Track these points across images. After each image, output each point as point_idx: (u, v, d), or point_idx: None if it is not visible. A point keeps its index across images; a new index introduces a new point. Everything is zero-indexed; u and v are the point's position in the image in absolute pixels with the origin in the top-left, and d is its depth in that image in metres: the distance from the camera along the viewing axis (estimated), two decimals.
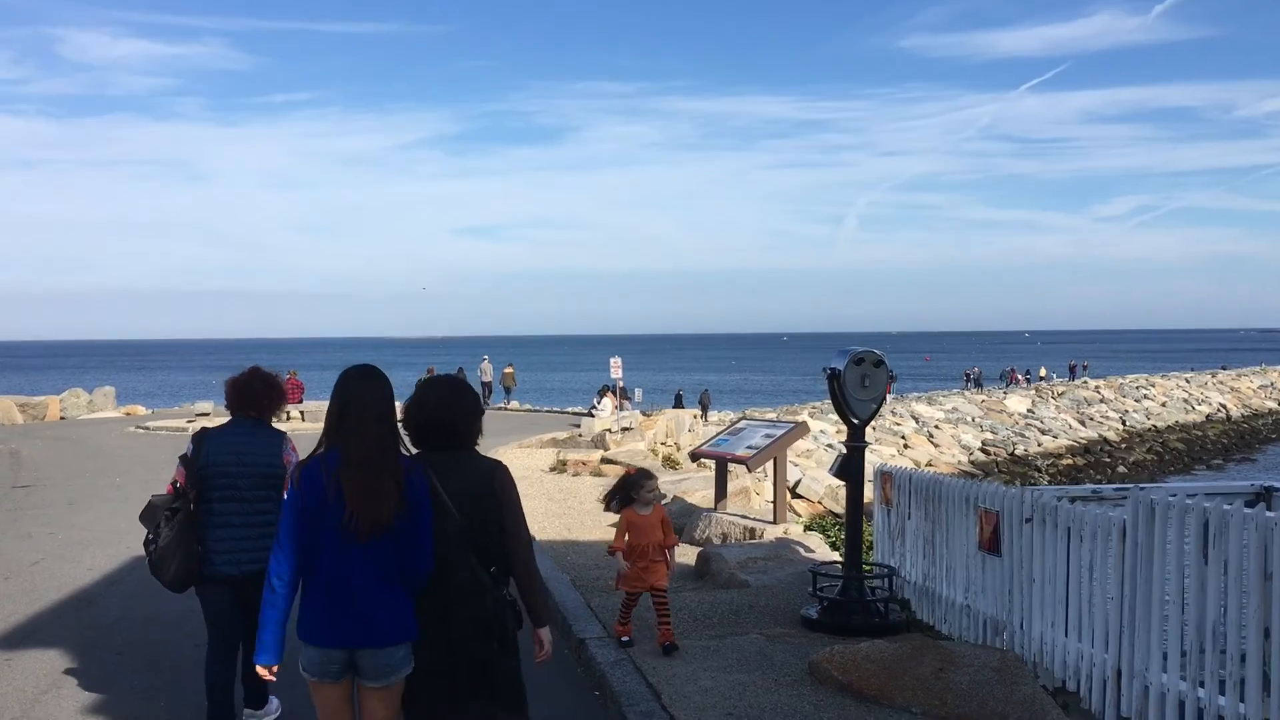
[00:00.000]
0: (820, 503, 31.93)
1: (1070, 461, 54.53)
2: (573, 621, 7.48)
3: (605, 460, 18.92)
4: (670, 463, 24.23)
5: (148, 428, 28.43)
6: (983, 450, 54.84)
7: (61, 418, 34.74)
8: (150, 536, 5.32)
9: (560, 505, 13.52)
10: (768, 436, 10.25)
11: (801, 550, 9.09)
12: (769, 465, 10.41)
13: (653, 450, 25.00)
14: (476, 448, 4.00)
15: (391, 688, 3.71)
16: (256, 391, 5.46)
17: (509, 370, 46.53)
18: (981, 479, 48.55)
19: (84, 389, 41.49)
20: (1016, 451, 55.57)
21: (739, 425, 11.12)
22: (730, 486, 11.08)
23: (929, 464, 50.68)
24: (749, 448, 10.26)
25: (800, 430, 10.36)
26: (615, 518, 13.02)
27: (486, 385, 43.94)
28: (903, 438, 54.06)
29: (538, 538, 11.06)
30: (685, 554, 10.24)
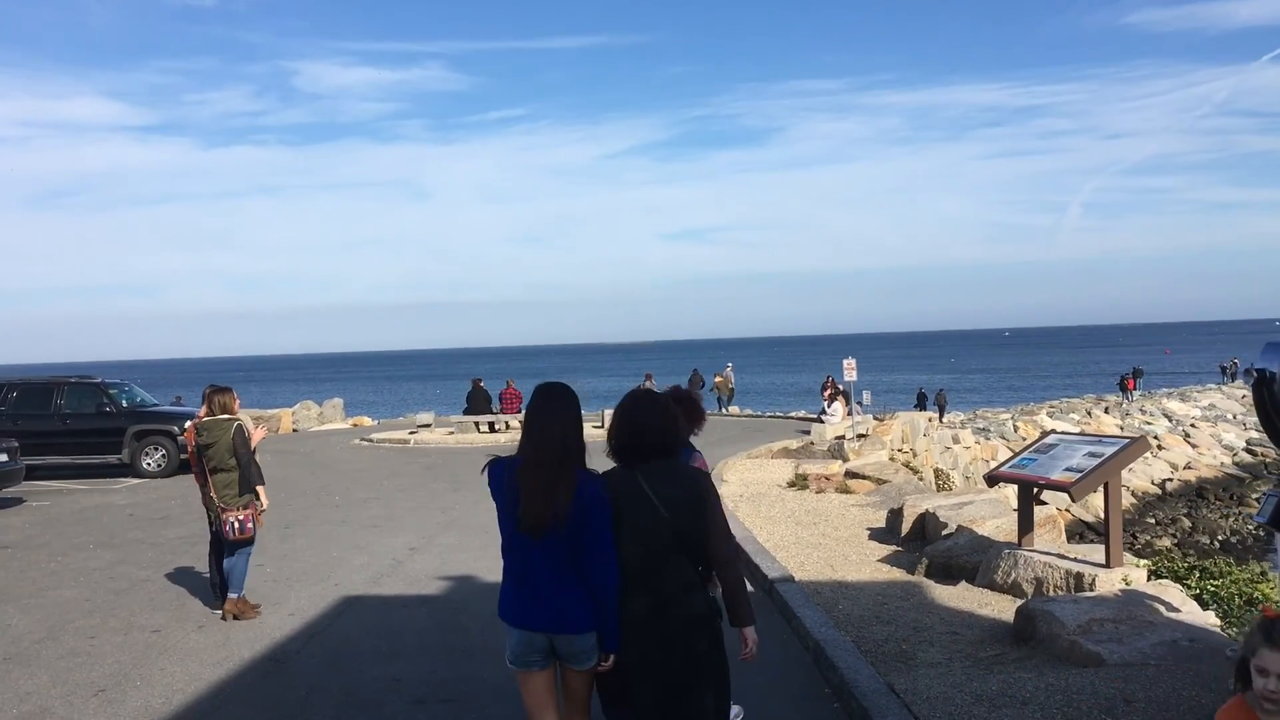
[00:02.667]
0: (1068, 510, 28.74)
1: None
2: (875, 718, 5.60)
3: (850, 474, 16.91)
4: (913, 470, 22.02)
5: (371, 440, 28.29)
6: (1248, 450, 49.76)
7: (294, 430, 35.42)
8: None
9: (812, 532, 11.64)
10: (1093, 456, 8.05)
11: (1162, 609, 6.89)
12: (1090, 492, 8.20)
13: (893, 459, 22.78)
14: (683, 456, 4.38)
15: (583, 673, 4.09)
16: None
17: (719, 378, 44.95)
18: (1249, 481, 43.72)
19: (315, 401, 42.57)
20: None
21: (1049, 440, 8.92)
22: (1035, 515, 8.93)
23: (1187, 466, 46.02)
24: (1069, 470, 8.09)
25: (1139, 447, 8.11)
26: (888, 551, 10.88)
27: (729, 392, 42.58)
28: (1155, 438, 49.54)
29: (795, 576, 9.24)
30: (991, 604, 8.18)
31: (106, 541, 12.72)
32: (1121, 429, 50.78)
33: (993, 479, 8.97)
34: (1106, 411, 55.06)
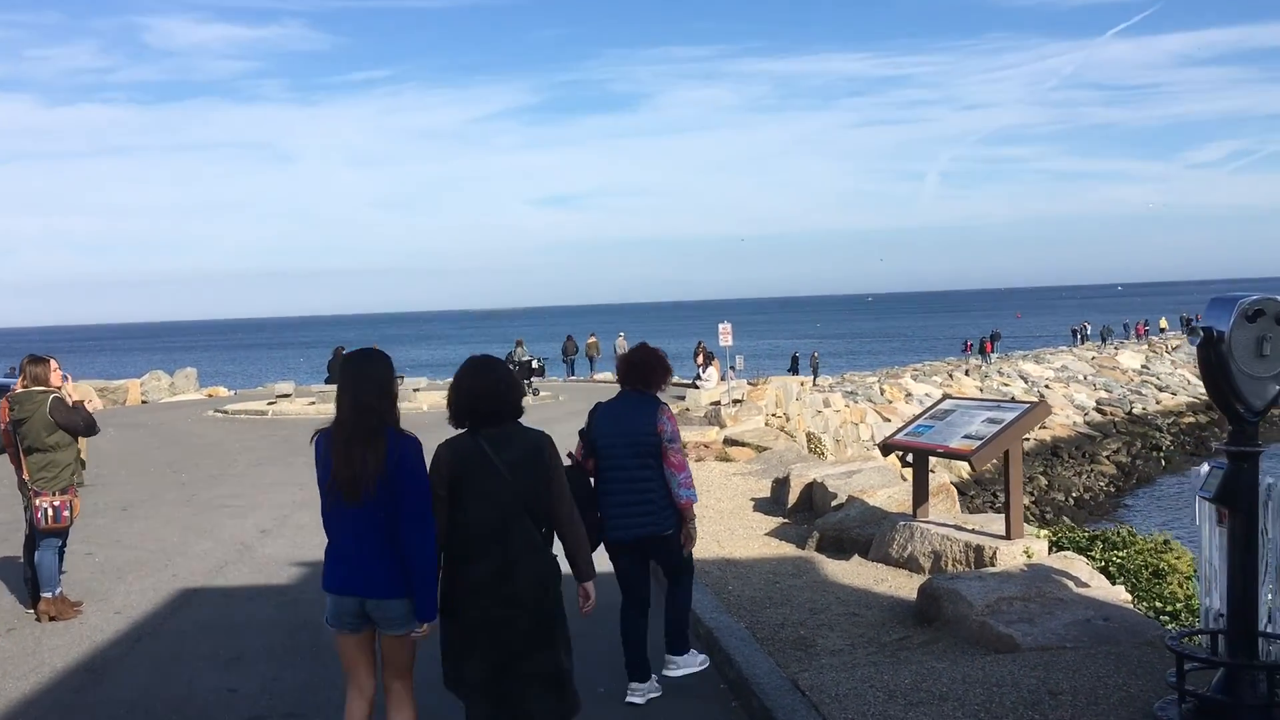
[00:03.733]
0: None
1: (1192, 419, 51.10)
2: (779, 718, 5.01)
3: (729, 441, 16.46)
4: (789, 435, 21.80)
5: (226, 411, 26.73)
6: (1098, 410, 51.78)
7: (143, 401, 33.44)
8: None
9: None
10: (992, 422, 7.63)
11: (1070, 584, 6.50)
12: (985, 459, 7.80)
13: (768, 424, 22.50)
14: (522, 420, 4.29)
15: (399, 637, 4.13)
16: (642, 365, 5.80)
17: (592, 340, 44.39)
18: (1100, 440, 45.40)
19: (166, 371, 40.37)
20: (1134, 410, 52.38)
21: (943, 406, 8.49)
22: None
23: (1041, 426, 47.58)
24: (967, 437, 7.66)
25: (1040, 412, 7.74)
26: (775, 524, 10.69)
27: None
28: (1012, 399, 51.08)
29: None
30: (887, 580, 7.73)
31: None
32: (980, 390, 52.17)
33: (887, 448, 8.52)
34: (967, 374, 56.48)
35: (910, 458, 8.52)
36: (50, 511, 7.43)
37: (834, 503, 9.56)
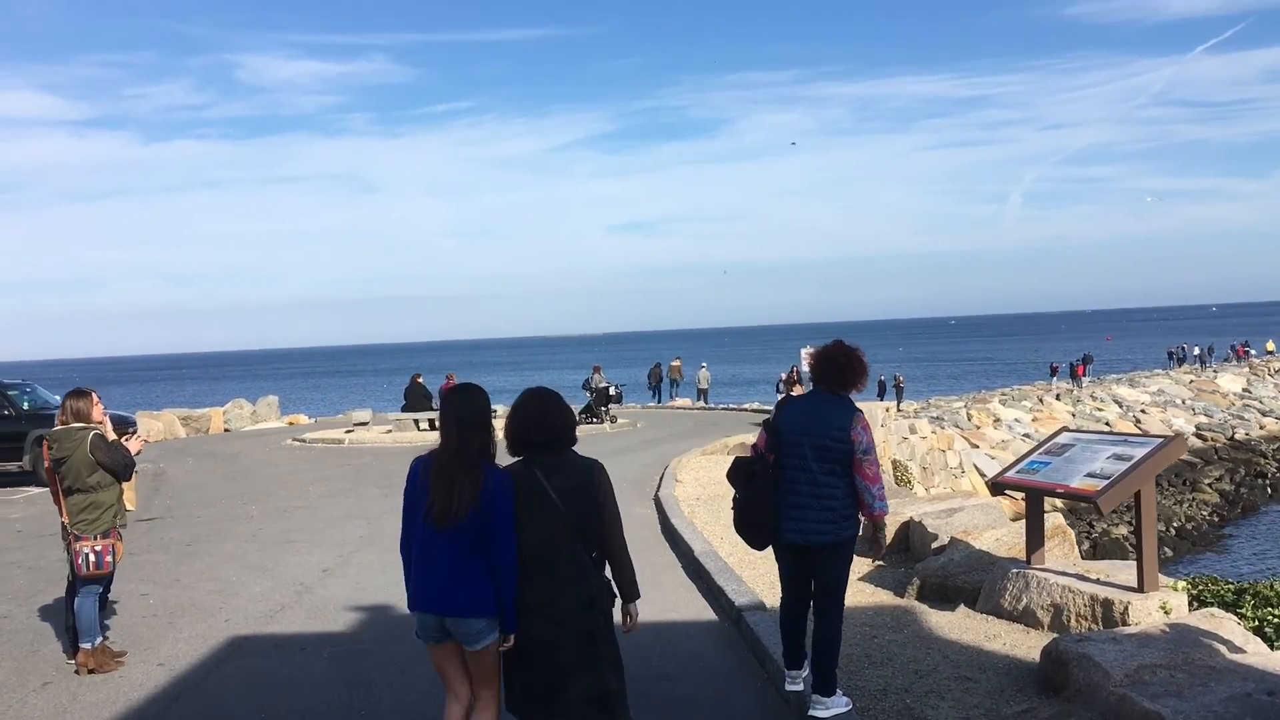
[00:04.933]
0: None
1: None
2: None
3: None
4: (901, 479, 20.79)
5: (304, 440, 26.58)
6: (1198, 435, 49.61)
7: (226, 430, 33.57)
8: (735, 496, 5.65)
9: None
10: (1120, 459, 6.77)
11: (1222, 649, 5.63)
12: (1115, 500, 6.90)
13: None
14: (576, 448, 4.53)
15: (479, 652, 4.34)
16: (838, 363, 5.50)
17: (676, 364, 43.76)
18: (1200, 467, 43.32)
19: (248, 399, 40.65)
20: (1236, 435, 50.16)
21: (1062, 440, 7.62)
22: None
23: None
24: (1091, 476, 6.81)
25: (1176, 447, 6.85)
26: (867, 566, 10.07)
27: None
28: (1107, 424, 49.16)
29: (766, 602, 7.91)
30: (1000, 636, 6.89)
31: None
32: (1074, 415, 50.38)
33: (998, 486, 7.66)
34: (1058, 399, 54.70)
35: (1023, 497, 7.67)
36: (92, 557, 6.96)
37: (934, 545, 8.73)
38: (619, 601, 4.48)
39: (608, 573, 4.48)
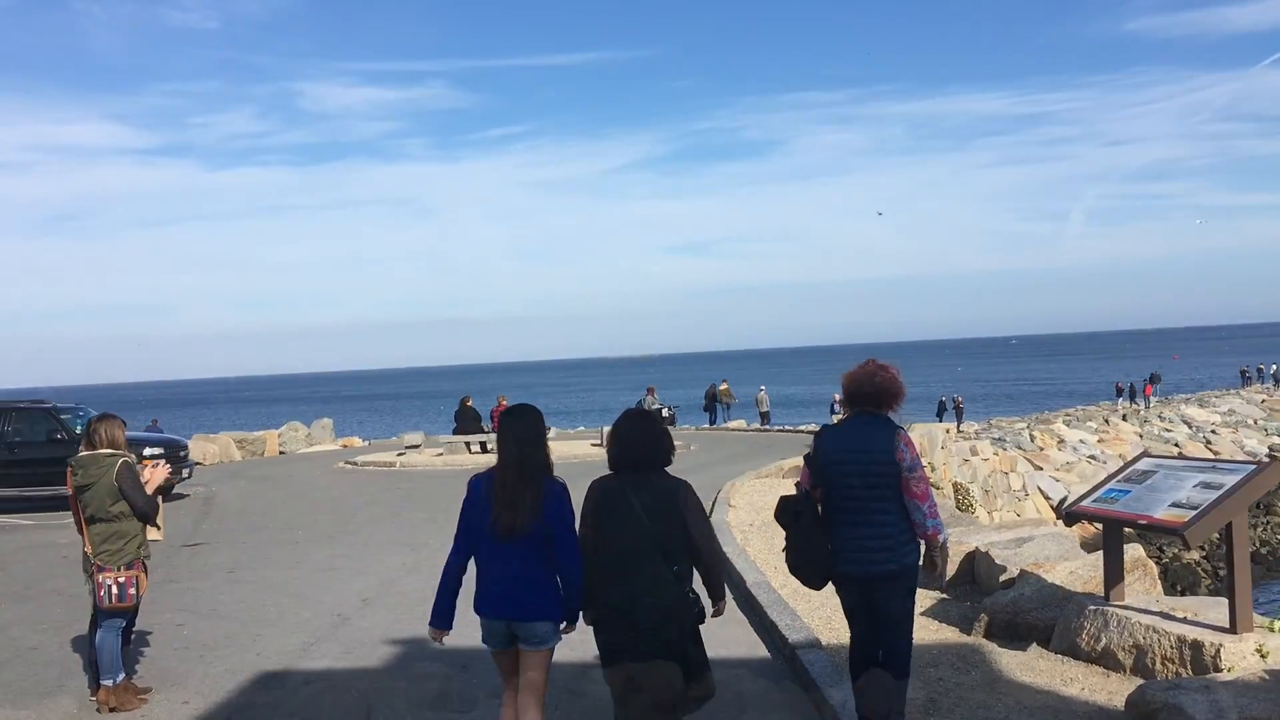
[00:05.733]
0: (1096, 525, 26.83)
1: None
2: None
3: None
4: (934, 486, 20.16)
5: (356, 463, 26.49)
6: (1271, 456, 47.90)
7: (280, 453, 33.67)
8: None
9: None
10: (1208, 487, 6.23)
11: None
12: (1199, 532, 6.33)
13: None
14: (668, 469, 4.78)
15: (537, 654, 4.66)
16: (874, 383, 5.37)
17: (724, 387, 43.24)
18: (1276, 490, 41.86)
19: (304, 422, 40.79)
20: None
21: (1142, 466, 7.06)
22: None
23: None
24: (1176, 506, 6.27)
25: (1272, 474, 6.28)
26: (930, 600, 9.60)
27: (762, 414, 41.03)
28: (1176, 445, 47.71)
29: (822, 639, 7.43)
30: (1077, 679, 6.35)
31: (19, 592, 10.94)
32: (1141, 436, 48.98)
33: (1074, 515, 7.13)
34: (1125, 419, 53.28)
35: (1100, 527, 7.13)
36: (115, 589, 6.69)
37: (1003, 577, 8.18)
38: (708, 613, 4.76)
39: (696, 585, 4.68)
